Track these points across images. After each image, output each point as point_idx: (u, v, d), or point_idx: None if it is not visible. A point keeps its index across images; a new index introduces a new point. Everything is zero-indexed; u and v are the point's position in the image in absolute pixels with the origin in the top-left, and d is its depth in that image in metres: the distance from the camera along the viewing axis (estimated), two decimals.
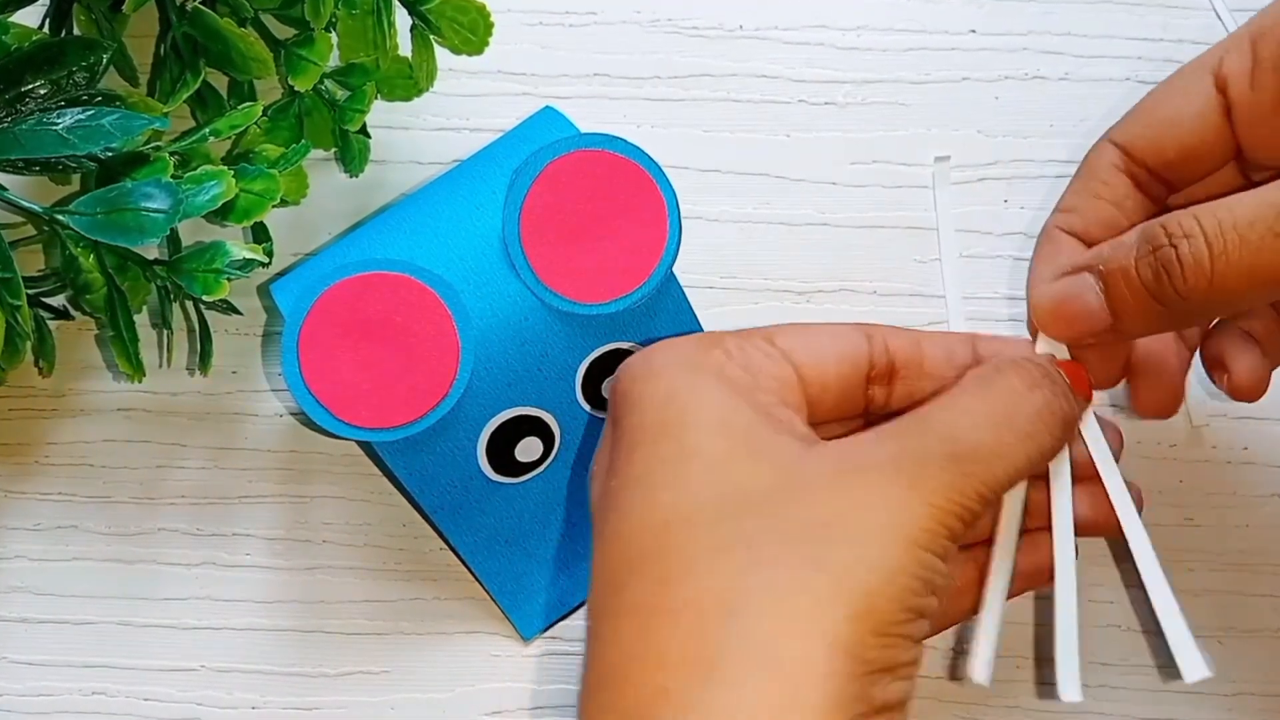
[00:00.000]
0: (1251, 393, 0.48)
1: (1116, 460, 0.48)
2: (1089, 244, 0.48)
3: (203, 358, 0.53)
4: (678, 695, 0.38)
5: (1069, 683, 0.45)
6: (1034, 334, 0.48)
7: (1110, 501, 0.47)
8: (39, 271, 0.51)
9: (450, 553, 0.55)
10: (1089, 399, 0.47)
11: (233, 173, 0.46)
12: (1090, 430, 0.47)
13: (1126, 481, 0.47)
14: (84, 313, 0.51)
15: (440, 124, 0.58)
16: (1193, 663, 0.44)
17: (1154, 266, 0.42)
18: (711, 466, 0.41)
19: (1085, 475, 0.47)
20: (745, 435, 0.41)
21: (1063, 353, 0.47)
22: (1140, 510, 0.47)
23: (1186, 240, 0.41)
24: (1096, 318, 0.45)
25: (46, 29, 0.52)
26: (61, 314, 0.53)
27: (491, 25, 0.50)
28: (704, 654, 0.38)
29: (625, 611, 0.40)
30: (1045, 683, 0.54)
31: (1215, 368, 0.49)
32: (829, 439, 0.43)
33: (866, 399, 0.46)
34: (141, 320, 0.54)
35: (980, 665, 0.45)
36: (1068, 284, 0.46)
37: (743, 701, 0.37)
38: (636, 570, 0.40)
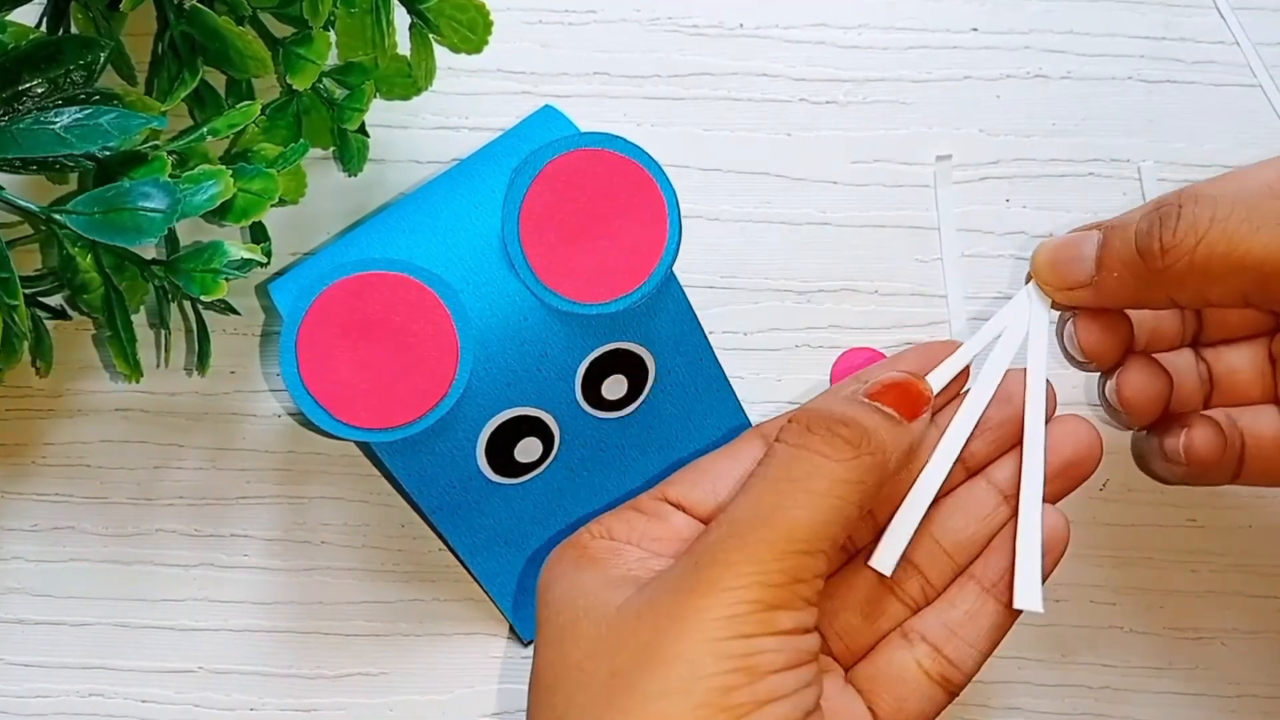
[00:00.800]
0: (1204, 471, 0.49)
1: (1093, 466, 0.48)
2: None
3: (201, 358, 0.53)
4: None
5: (1028, 593, 0.45)
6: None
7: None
8: (36, 271, 0.51)
9: (449, 554, 0.54)
10: (913, 415, 0.44)
11: (231, 172, 0.46)
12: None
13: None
14: (81, 312, 0.50)
15: (439, 123, 0.58)
16: (1030, 594, 0.44)
17: (1151, 220, 0.42)
18: (559, 639, 0.42)
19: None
20: (582, 604, 0.42)
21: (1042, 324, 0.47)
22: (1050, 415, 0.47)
23: (1194, 203, 0.41)
24: (1081, 267, 0.45)
25: (44, 27, 0.51)
26: (59, 314, 0.53)
27: (491, 23, 0.49)
28: None
29: None
30: (1046, 683, 0.54)
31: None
32: None
33: None
34: (139, 320, 0.54)
35: (885, 554, 0.45)
36: (1073, 234, 0.46)
37: None
38: None
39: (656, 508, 0.46)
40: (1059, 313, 0.48)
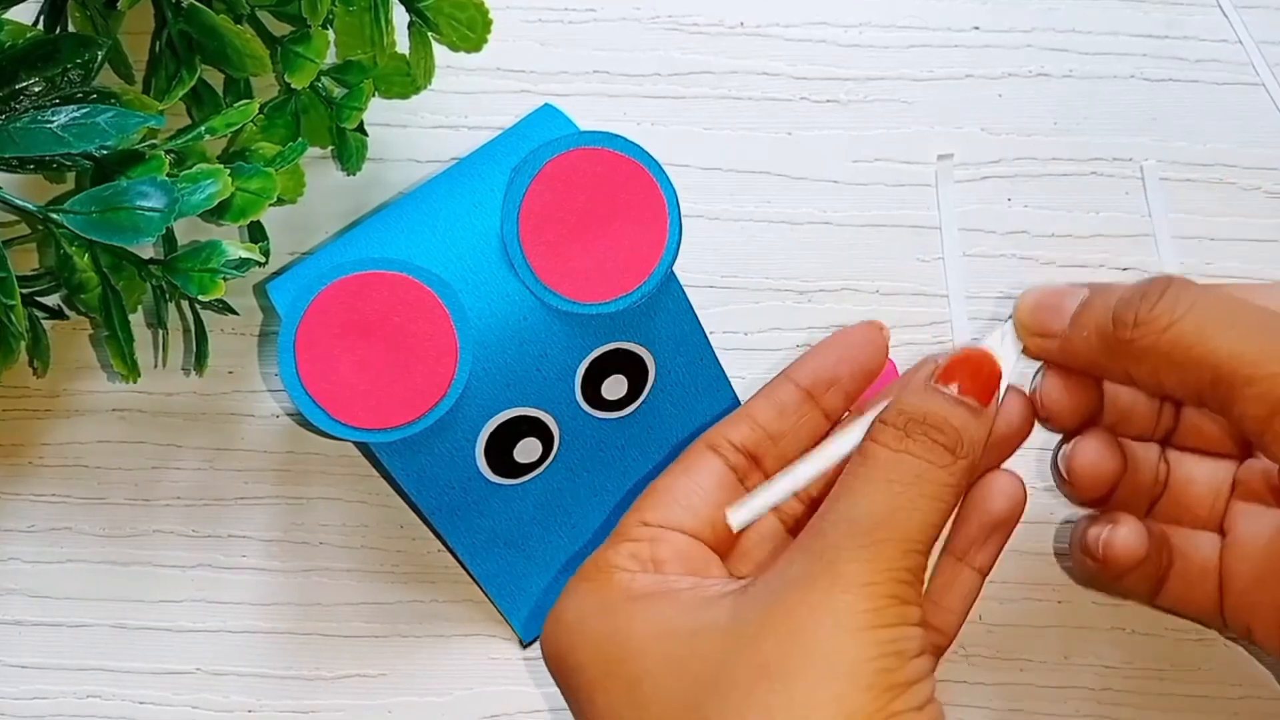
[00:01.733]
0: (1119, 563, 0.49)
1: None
2: None
3: (198, 358, 0.53)
4: None
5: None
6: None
7: None
8: (33, 270, 0.51)
9: (448, 555, 0.54)
10: (988, 398, 0.44)
11: (229, 171, 0.46)
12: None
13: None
14: (79, 312, 0.51)
15: (438, 122, 0.57)
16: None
17: (1136, 291, 0.42)
18: (663, 680, 0.41)
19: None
20: (678, 634, 0.42)
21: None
22: None
23: (1183, 287, 0.42)
24: (1057, 317, 0.45)
25: (41, 26, 0.51)
26: (56, 313, 0.53)
27: (490, 22, 0.49)
28: None
29: None
30: (1048, 685, 0.54)
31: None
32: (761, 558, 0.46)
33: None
34: (137, 320, 0.54)
35: (742, 511, 0.46)
36: (1064, 286, 0.46)
37: None
38: None
39: (649, 533, 0.46)
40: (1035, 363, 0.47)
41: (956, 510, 0.46)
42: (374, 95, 0.52)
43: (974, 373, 0.44)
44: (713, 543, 0.46)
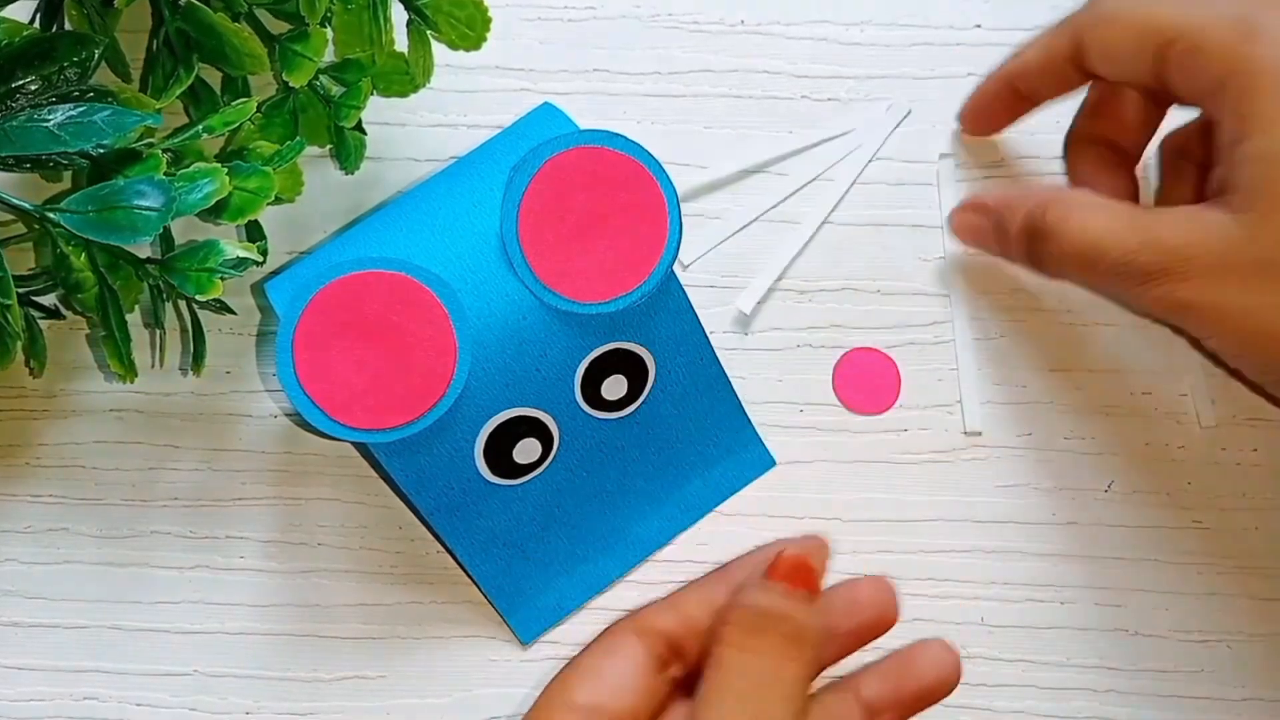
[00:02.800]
0: None
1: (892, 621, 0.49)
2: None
3: (196, 358, 0.53)
4: None
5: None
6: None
7: None
8: (29, 270, 0.51)
9: (447, 556, 0.54)
10: (815, 590, 0.47)
11: (226, 170, 0.46)
12: None
13: None
14: (75, 312, 0.50)
15: (437, 120, 0.57)
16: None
17: (1027, 247, 0.50)
18: None
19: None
20: None
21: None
22: None
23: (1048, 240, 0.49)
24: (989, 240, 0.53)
25: (37, 24, 0.51)
26: (53, 313, 0.53)
27: (489, 20, 0.49)
28: None
29: None
30: (1050, 687, 0.54)
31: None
32: None
33: (670, 680, 0.48)
34: (134, 320, 0.54)
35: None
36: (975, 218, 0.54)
37: None
38: None
39: (574, 716, 0.47)
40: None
41: (884, 666, 0.49)
42: (372, 94, 0.52)
43: (798, 568, 0.47)
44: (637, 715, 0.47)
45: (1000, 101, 0.54)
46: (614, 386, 0.51)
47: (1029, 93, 0.53)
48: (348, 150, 0.54)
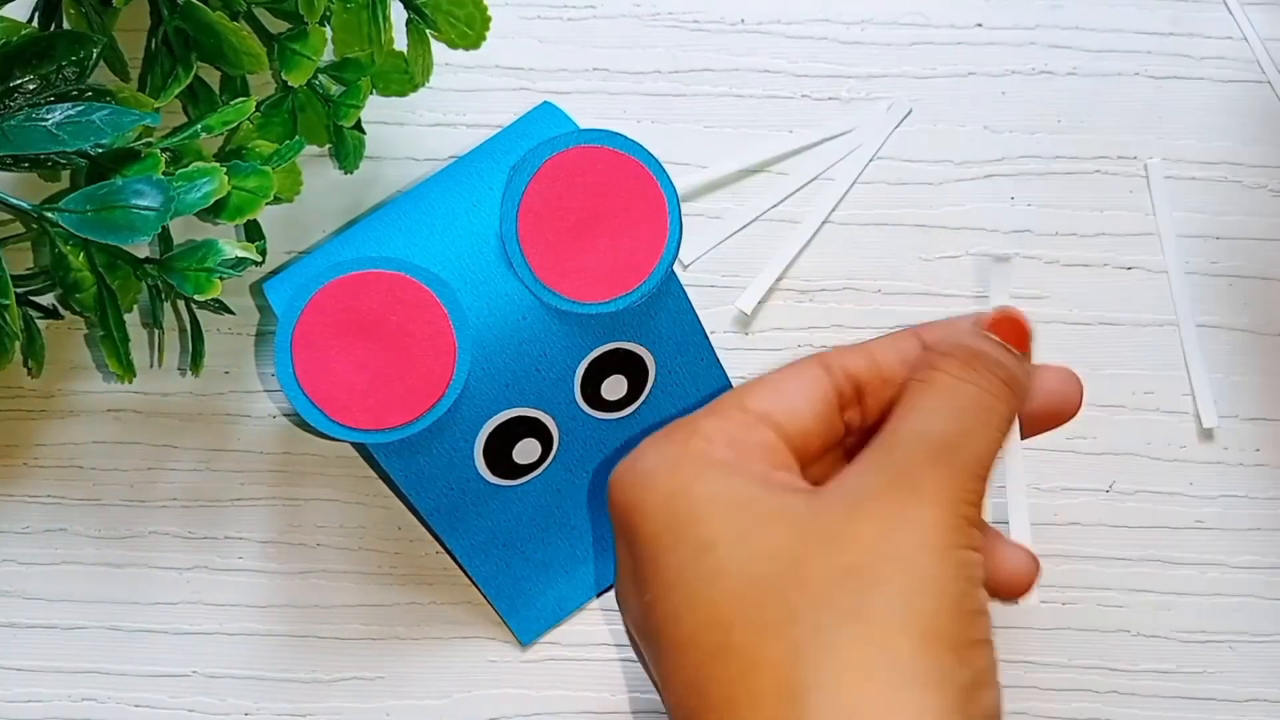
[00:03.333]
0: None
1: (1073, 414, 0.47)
2: None
3: (194, 358, 0.53)
4: None
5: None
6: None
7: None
8: (27, 270, 0.51)
9: (446, 557, 0.54)
10: (1026, 350, 0.45)
11: (225, 169, 0.45)
12: None
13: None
14: (74, 312, 0.50)
15: (436, 119, 0.57)
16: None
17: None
18: (738, 549, 0.40)
19: None
20: (752, 510, 0.41)
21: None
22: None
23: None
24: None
25: (35, 23, 0.51)
26: (51, 313, 0.53)
27: (489, 19, 0.49)
28: None
29: (712, 712, 0.40)
30: (1053, 688, 0.53)
31: None
32: (817, 477, 0.43)
33: (845, 424, 0.46)
34: (132, 320, 0.54)
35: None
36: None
37: None
38: (709, 673, 0.40)
39: (743, 419, 0.44)
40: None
41: None
42: (371, 93, 0.52)
43: (1012, 324, 0.45)
44: (799, 454, 0.44)
45: None
46: (614, 386, 0.51)
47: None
48: (347, 149, 0.54)
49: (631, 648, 0.45)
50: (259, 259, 0.47)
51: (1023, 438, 0.46)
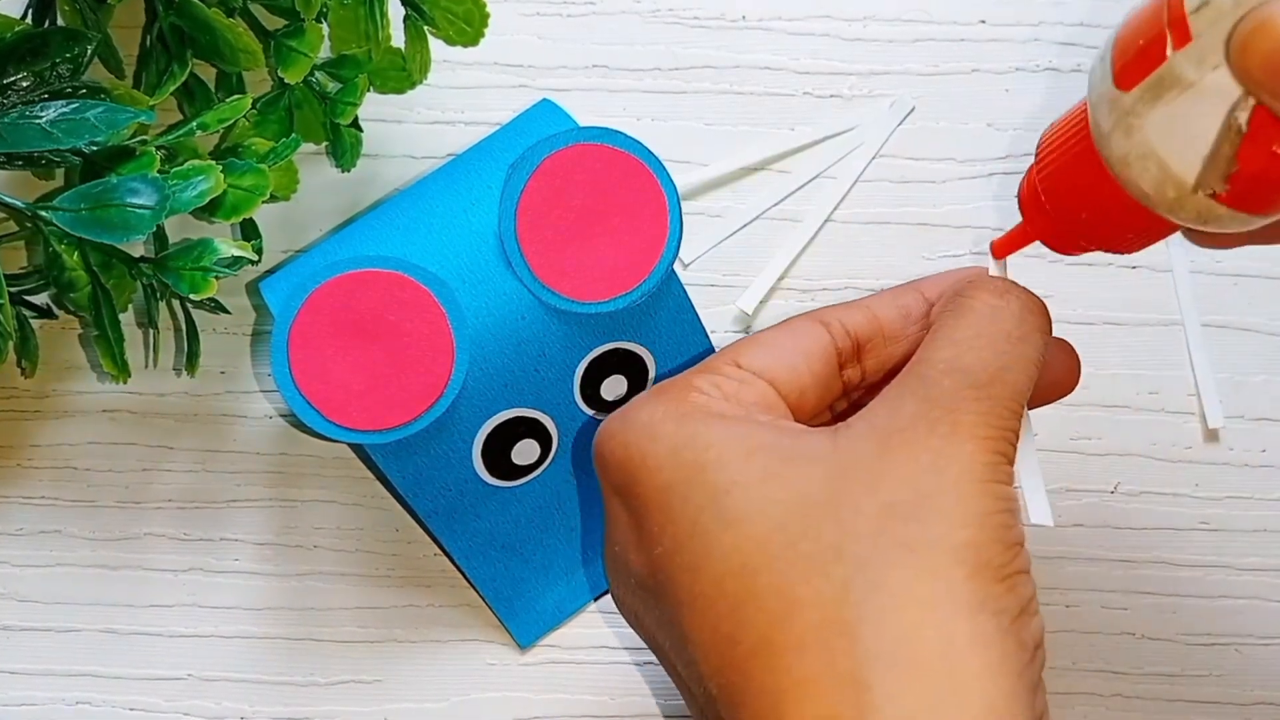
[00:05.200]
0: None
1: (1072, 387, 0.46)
2: None
3: (190, 358, 0.53)
4: None
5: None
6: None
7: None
8: (21, 269, 0.51)
9: (445, 558, 0.54)
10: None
11: (221, 167, 0.45)
12: None
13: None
14: (68, 311, 0.50)
15: (434, 117, 0.57)
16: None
17: None
18: (758, 491, 0.39)
19: None
20: (772, 452, 0.40)
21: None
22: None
23: None
24: None
25: (29, 19, 0.51)
26: (45, 313, 0.53)
27: (487, 16, 0.49)
28: (851, 678, 0.37)
29: (749, 659, 0.39)
30: (1056, 691, 0.53)
31: None
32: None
33: (843, 383, 0.45)
34: (127, 319, 0.54)
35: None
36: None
37: (914, 711, 0.36)
38: (739, 619, 0.39)
39: (738, 374, 0.43)
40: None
41: None
42: (369, 90, 0.52)
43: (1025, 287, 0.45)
44: (794, 410, 0.44)
45: None
46: (614, 386, 0.51)
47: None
48: (344, 147, 0.53)
49: (626, 617, 0.44)
50: (255, 258, 0.47)
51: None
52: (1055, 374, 0.45)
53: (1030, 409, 0.44)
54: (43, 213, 0.44)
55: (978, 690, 0.36)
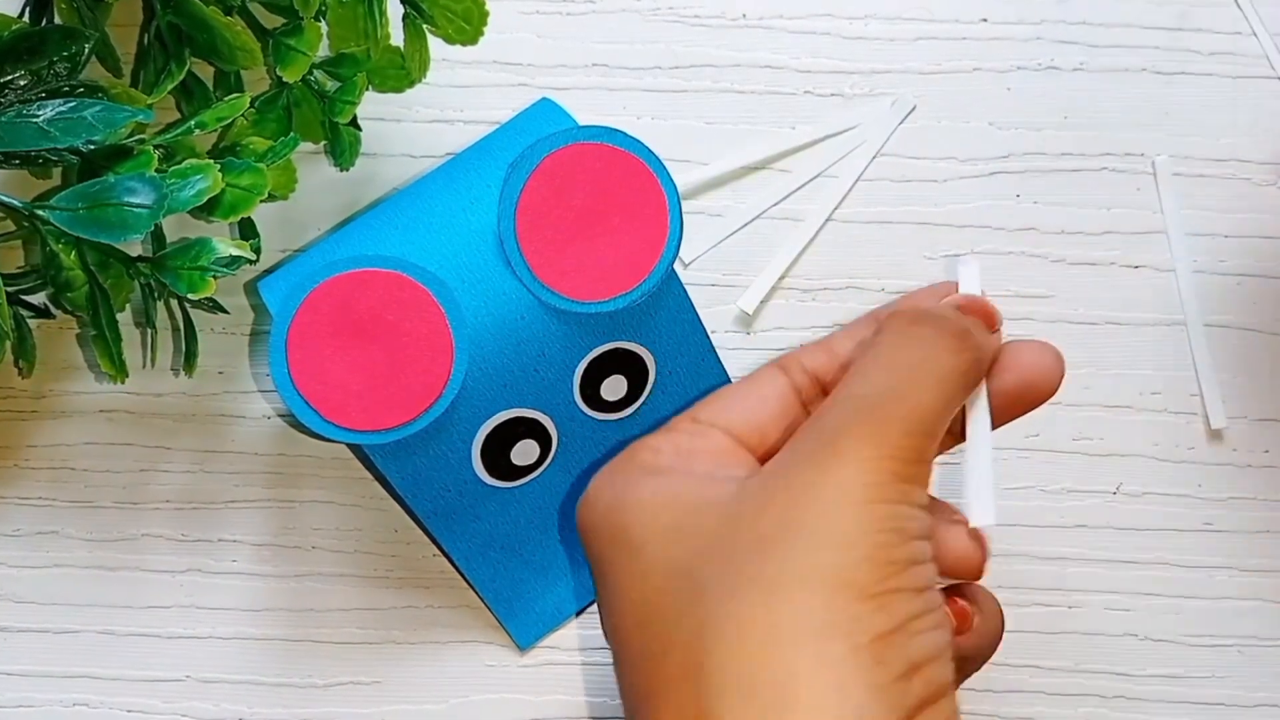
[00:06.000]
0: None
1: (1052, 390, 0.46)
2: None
3: (188, 358, 0.53)
4: None
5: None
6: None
7: None
8: (18, 268, 0.51)
9: (444, 559, 0.54)
10: (993, 328, 0.45)
11: (219, 166, 0.45)
12: None
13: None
14: (65, 311, 0.50)
15: (434, 116, 0.57)
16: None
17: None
18: (661, 545, 0.41)
19: None
20: (681, 505, 0.42)
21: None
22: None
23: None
24: None
25: (27, 18, 0.51)
26: (42, 312, 0.52)
27: (486, 14, 0.49)
28: (698, 718, 0.37)
29: (640, 710, 0.40)
30: (1059, 693, 0.53)
31: None
32: None
33: None
34: (124, 319, 0.53)
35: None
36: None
37: None
38: (641, 671, 0.40)
39: (692, 427, 0.45)
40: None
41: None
42: (368, 89, 0.51)
43: (979, 307, 0.45)
44: (758, 453, 0.45)
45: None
46: (614, 387, 0.51)
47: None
48: (342, 146, 0.53)
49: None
50: (253, 257, 0.46)
51: (1005, 419, 0.45)
52: (1031, 376, 0.45)
53: (1013, 415, 0.45)
54: (40, 212, 0.44)
55: (814, 716, 0.36)
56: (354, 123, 0.53)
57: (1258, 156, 0.56)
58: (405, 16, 0.49)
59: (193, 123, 0.47)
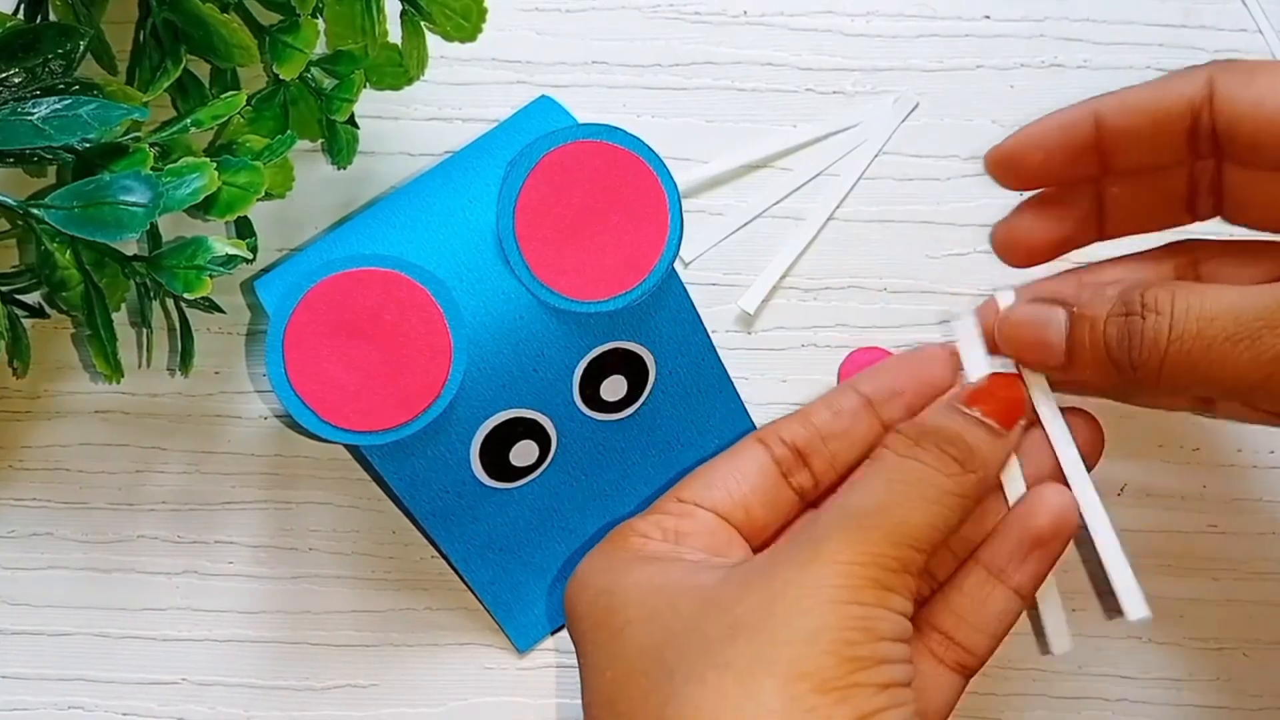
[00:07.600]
0: None
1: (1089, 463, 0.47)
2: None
3: (184, 358, 0.53)
4: None
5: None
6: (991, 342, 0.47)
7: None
8: (13, 268, 0.51)
9: (442, 561, 0.54)
10: (1010, 425, 0.45)
11: (215, 165, 0.45)
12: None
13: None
14: (60, 311, 0.51)
15: (432, 114, 0.57)
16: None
17: (1120, 329, 0.42)
18: (642, 629, 0.42)
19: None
20: (667, 589, 0.43)
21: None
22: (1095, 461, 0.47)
23: (1155, 315, 0.41)
24: (1052, 354, 0.45)
25: (21, 15, 0.51)
26: (37, 312, 0.53)
27: (485, 11, 0.49)
28: None
29: None
30: (1063, 696, 0.53)
31: None
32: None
33: (795, 490, 0.47)
34: (120, 319, 0.54)
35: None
36: (1037, 311, 0.45)
37: None
38: None
39: (679, 509, 0.46)
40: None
41: (997, 525, 0.46)
42: (365, 86, 0.52)
43: (998, 398, 0.46)
44: (744, 529, 0.46)
45: (1062, 149, 0.46)
46: (613, 387, 0.51)
47: (1110, 147, 0.45)
48: (340, 144, 0.53)
49: None
50: (250, 256, 0.47)
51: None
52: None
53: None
54: (35, 211, 0.44)
55: None
56: (351, 120, 0.53)
57: None
58: (403, 13, 0.49)
59: (189, 120, 0.47)
